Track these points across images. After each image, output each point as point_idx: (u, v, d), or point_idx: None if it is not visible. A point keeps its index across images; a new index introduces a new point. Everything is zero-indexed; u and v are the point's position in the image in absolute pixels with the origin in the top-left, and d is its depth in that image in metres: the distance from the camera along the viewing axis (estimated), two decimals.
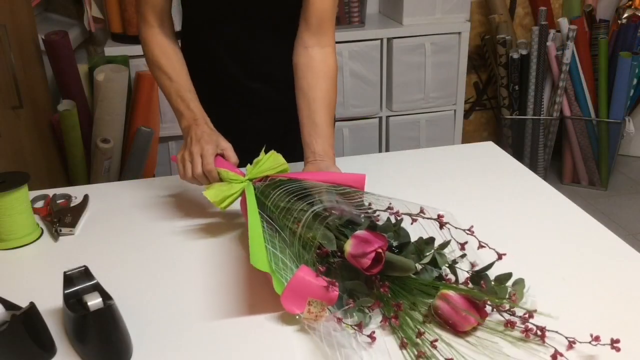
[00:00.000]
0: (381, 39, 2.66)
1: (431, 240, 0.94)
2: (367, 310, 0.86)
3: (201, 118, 1.19)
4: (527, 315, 0.84)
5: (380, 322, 0.86)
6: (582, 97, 2.90)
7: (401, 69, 2.71)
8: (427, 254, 0.93)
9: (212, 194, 1.08)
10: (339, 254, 0.91)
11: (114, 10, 2.41)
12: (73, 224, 1.15)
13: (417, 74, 2.74)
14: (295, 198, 0.99)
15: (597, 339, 0.79)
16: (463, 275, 0.93)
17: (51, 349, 0.84)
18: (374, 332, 0.82)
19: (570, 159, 3.07)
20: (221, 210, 1.09)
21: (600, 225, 1.12)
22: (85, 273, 0.90)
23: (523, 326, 0.83)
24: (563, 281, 0.96)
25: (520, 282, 0.90)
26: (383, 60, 2.70)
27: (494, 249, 0.93)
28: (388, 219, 0.98)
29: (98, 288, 0.88)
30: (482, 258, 0.94)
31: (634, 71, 2.79)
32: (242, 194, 1.09)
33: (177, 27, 1.41)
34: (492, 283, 0.90)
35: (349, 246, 0.89)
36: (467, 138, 3.26)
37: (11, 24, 1.81)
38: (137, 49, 1.31)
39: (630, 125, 2.92)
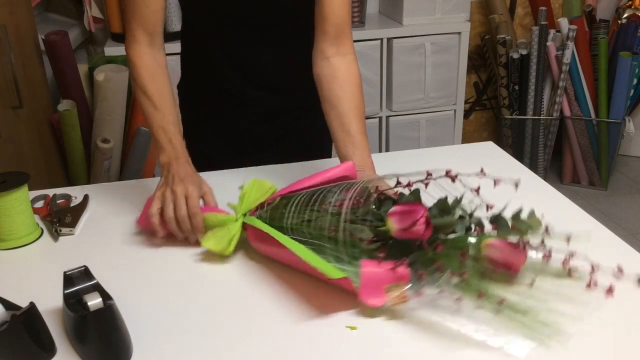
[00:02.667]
0: (381, 39, 2.66)
1: (458, 199, 0.95)
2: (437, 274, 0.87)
3: (183, 156, 1.12)
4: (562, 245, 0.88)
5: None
6: (582, 97, 2.90)
7: (401, 69, 2.71)
8: (455, 212, 0.94)
9: (212, 243, 1.01)
10: (385, 238, 0.91)
11: (114, 10, 2.41)
12: (73, 224, 1.15)
13: (417, 74, 2.74)
14: (316, 206, 0.96)
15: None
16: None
17: (51, 349, 0.84)
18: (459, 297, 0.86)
19: (570, 159, 3.07)
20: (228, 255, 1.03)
21: (600, 225, 1.12)
22: (85, 273, 0.90)
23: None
24: None
25: (533, 214, 0.93)
26: (383, 60, 2.70)
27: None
28: (401, 194, 0.98)
29: (98, 288, 0.87)
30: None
31: (634, 71, 2.79)
32: (242, 231, 1.03)
33: (177, 27, 1.41)
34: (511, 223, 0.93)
35: (393, 223, 0.89)
36: (467, 138, 3.26)
37: (11, 24, 1.81)
38: None
39: (630, 125, 2.92)
